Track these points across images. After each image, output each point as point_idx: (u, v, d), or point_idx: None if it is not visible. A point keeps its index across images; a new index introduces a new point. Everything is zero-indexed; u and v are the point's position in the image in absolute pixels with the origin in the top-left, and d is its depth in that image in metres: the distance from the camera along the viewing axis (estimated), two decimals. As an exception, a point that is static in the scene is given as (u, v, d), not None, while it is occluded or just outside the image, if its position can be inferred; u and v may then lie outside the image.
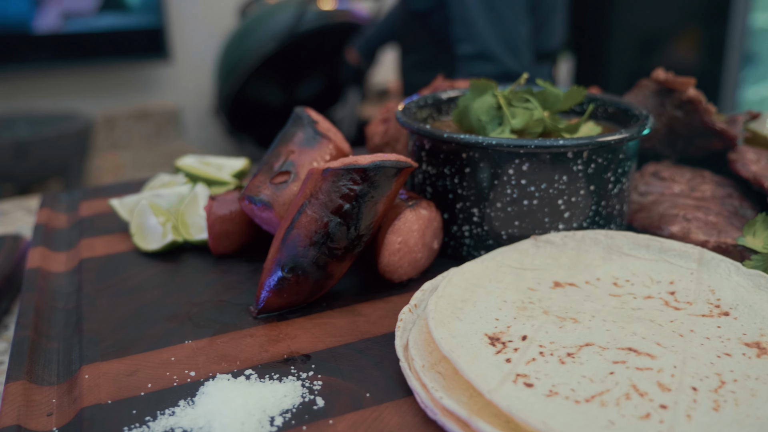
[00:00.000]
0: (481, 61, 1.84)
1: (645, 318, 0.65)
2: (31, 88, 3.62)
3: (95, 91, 3.84)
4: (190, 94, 4.12)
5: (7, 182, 3.13)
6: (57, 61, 3.55)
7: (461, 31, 1.85)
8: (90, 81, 3.81)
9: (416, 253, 0.75)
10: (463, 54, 1.86)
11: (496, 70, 1.83)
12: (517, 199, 0.76)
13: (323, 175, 0.70)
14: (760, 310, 0.65)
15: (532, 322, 0.65)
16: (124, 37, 3.70)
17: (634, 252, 0.76)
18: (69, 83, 3.73)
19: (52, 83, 3.68)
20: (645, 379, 0.56)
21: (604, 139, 0.74)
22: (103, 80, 3.85)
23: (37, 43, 3.46)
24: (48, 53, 3.50)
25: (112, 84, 3.89)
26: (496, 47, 1.82)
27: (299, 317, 0.71)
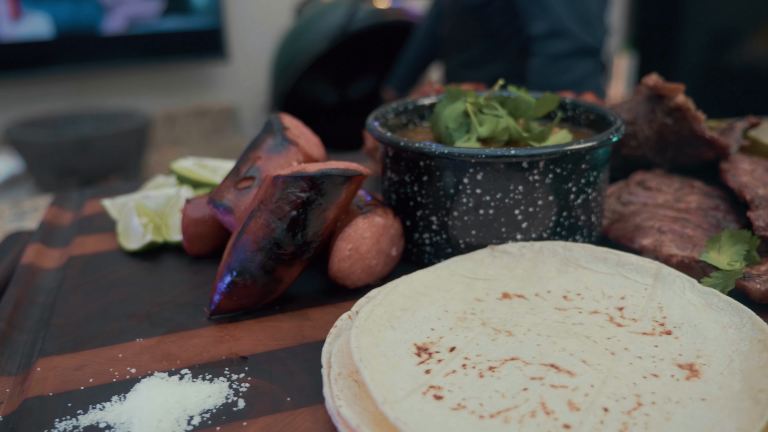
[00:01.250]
0: (556, 39, 1.81)
1: (582, 334, 0.64)
2: (97, 87, 3.80)
3: (157, 90, 3.99)
4: (247, 93, 4.23)
5: (71, 176, 3.30)
6: (121, 61, 3.72)
7: (533, 10, 1.83)
8: (152, 80, 3.97)
9: (370, 260, 0.76)
10: (537, 33, 1.84)
11: (573, 46, 1.81)
12: (473, 208, 0.76)
13: (273, 183, 0.72)
14: (704, 331, 0.63)
15: (466, 333, 0.65)
16: (184, 37, 3.84)
17: (591, 265, 0.75)
18: (133, 82, 3.90)
19: (117, 82, 3.85)
20: (557, 397, 0.55)
21: (558, 149, 0.72)
22: (165, 79, 4.01)
23: (103, 44, 3.63)
24: (113, 54, 3.67)
25: (173, 83, 4.04)
26: (570, 22, 1.80)
27: (250, 319, 0.74)
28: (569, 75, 1.87)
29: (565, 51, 1.83)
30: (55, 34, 3.48)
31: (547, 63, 1.86)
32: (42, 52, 3.45)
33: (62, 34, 3.49)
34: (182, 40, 3.86)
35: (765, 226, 0.78)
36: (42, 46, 3.44)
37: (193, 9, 3.85)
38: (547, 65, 1.87)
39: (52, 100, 3.69)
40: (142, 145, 3.45)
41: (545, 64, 1.87)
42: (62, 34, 3.49)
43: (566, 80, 1.86)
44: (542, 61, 1.87)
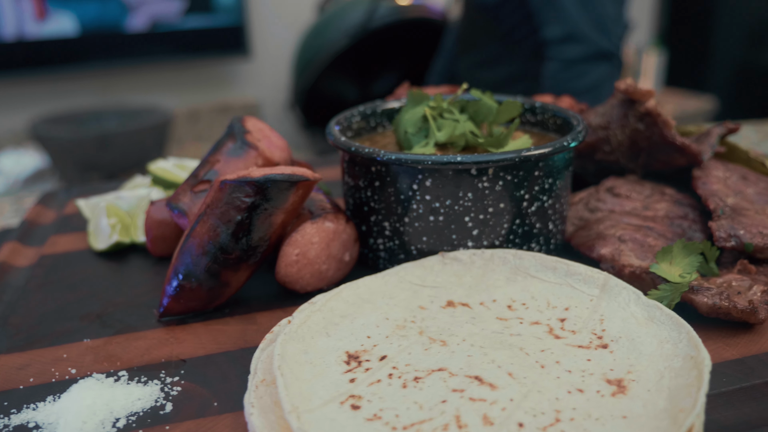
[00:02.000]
0: (571, 43, 1.80)
1: (516, 345, 0.63)
2: (121, 84, 3.87)
3: (181, 87, 4.05)
4: (269, 89, 4.26)
5: (93, 171, 3.37)
6: (146, 58, 3.78)
7: (548, 14, 1.81)
8: (176, 77, 4.02)
9: (319, 265, 0.76)
10: (552, 37, 1.82)
11: (588, 51, 1.79)
12: (423, 214, 0.76)
13: (220, 187, 0.72)
14: (641, 345, 0.62)
15: (401, 342, 0.65)
16: (207, 35, 3.88)
17: (540, 274, 0.73)
18: (157, 79, 3.96)
19: (141, 79, 3.92)
20: (473, 410, 0.54)
21: (506, 156, 0.71)
22: (188, 76, 4.06)
23: (128, 42, 3.70)
24: (138, 52, 3.73)
25: (196, 79, 4.09)
26: (585, 27, 1.78)
27: (198, 322, 0.74)
28: (584, 80, 1.84)
29: (580, 56, 1.81)
30: (80, 33, 3.55)
31: (561, 68, 1.84)
32: (67, 50, 3.53)
33: (87, 32, 3.56)
34: (205, 38, 3.91)
35: (726, 237, 0.76)
36: (67, 44, 3.51)
37: (216, 7, 3.89)
38: (561, 70, 1.84)
39: (77, 96, 3.77)
40: (162, 141, 3.50)
41: (560, 69, 1.84)
42: (87, 32, 3.56)
43: (581, 85, 1.83)
44: (557, 66, 1.84)
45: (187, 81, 4.07)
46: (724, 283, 0.71)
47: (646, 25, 4.44)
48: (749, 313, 0.66)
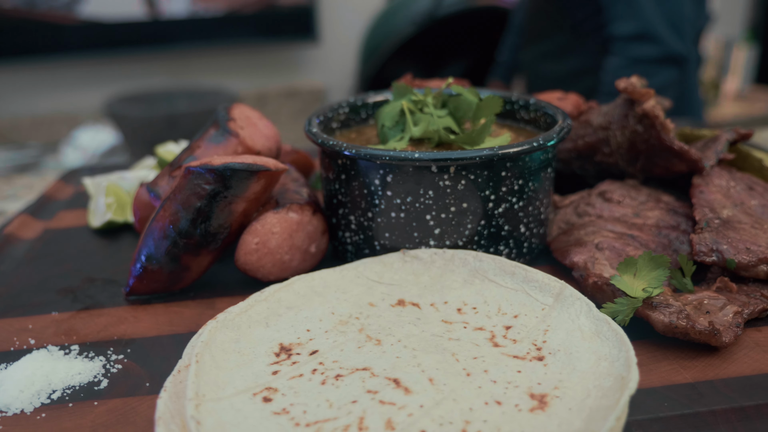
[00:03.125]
0: (641, 43, 1.72)
1: (449, 350, 0.62)
2: (193, 67, 4.00)
3: (250, 70, 4.14)
4: (336, 75, 4.30)
5: (162, 149, 3.51)
6: (217, 41, 3.89)
7: (621, 9, 1.74)
8: (246, 61, 4.12)
9: (281, 255, 0.77)
10: (621, 34, 1.75)
11: (658, 52, 1.72)
12: (385, 210, 0.74)
13: (183, 174, 0.73)
14: (577, 360, 0.59)
15: (337, 338, 0.64)
16: (277, 20, 3.96)
17: (497, 278, 0.71)
18: (227, 62, 4.07)
19: (212, 62, 4.03)
20: (379, 413, 0.53)
21: (464, 155, 0.69)
22: (258, 60, 4.15)
23: (200, 26, 3.82)
24: (209, 35, 3.85)
25: (265, 63, 4.17)
26: (659, 26, 1.70)
27: (161, 303, 0.76)
28: (649, 81, 1.76)
29: (649, 56, 1.73)
30: (160, 16, 3.69)
31: (626, 65, 1.76)
32: (142, 32, 3.68)
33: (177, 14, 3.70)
34: (275, 23, 3.98)
35: (707, 252, 0.71)
36: (142, 27, 3.66)
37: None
38: (625, 67, 1.76)
39: (151, 77, 3.92)
40: (227, 123, 3.60)
41: (624, 66, 1.76)
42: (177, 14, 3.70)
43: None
44: (621, 63, 1.76)
45: (257, 65, 4.15)
46: (695, 300, 0.67)
47: (737, 17, 4.18)
48: (708, 335, 0.62)
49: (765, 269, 0.70)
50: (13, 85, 3.74)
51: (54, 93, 3.79)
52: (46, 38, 3.52)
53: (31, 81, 3.74)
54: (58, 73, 3.73)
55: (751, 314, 0.67)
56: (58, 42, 3.56)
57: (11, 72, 3.63)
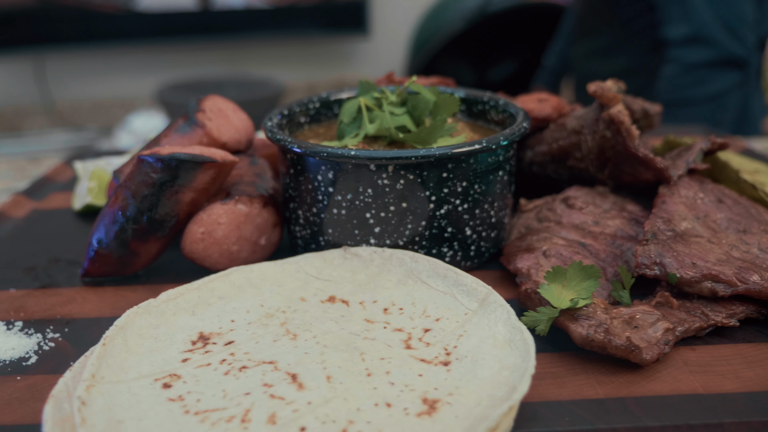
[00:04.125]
0: (695, 46, 1.65)
1: (360, 350, 0.61)
2: (244, 57, 4.08)
3: (300, 62, 4.19)
4: (386, 68, 4.29)
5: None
6: (268, 32, 3.96)
7: (673, 10, 1.67)
8: (296, 52, 4.17)
9: (229, 246, 0.78)
10: (675, 37, 1.68)
11: (713, 55, 1.64)
12: (327, 206, 0.75)
13: (135, 162, 0.76)
14: (481, 368, 0.58)
15: (257, 330, 0.65)
16: (328, 13, 3.99)
17: (430, 280, 0.70)
18: (278, 53, 4.13)
19: (263, 53, 4.10)
20: (266, 407, 0.54)
21: (399, 155, 0.69)
22: (308, 52, 4.19)
23: (252, 17, 3.89)
24: (261, 26, 3.92)
25: (315, 55, 4.22)
26: (714, 28, 1.62)
27: (112, 286, 0.79)
28: (706, 88, 1.68)
29: (704, 60, 1.65)
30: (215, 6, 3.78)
31: (680, 72, 1.68)
32: (195, 22, 3.78)
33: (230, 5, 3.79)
34: (326, 16, 4.02)
35: (649, 265, 0.68)
36: (195, 17, 3.76)
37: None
38: (680, 75, 1.69)
39: (204, 66, 4.02)
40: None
41: (678, 74, 1.69)
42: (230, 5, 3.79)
43: (701, 93, 1.67)
44: (675, 70, 1.69)
45: (307, 57, 4.20)
46: (627, 314, 0.64)
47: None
48: (626, 351, 0.60)
49: (709, 286, 0.67)
50: (76, 70, 3.90)
51: (112, 79, 3.93)
52: (105, 27, 3.65)
53: (91, 67, 3.88)
54: (116, 60, 3.87)
55: (685, 332, 0.65)
56: (116, 31, 3.69)
57: (74, 58, 3.78)
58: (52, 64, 3.76)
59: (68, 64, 3.81)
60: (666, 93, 1.68)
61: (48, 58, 3.71)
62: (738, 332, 0.67)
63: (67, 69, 3.83)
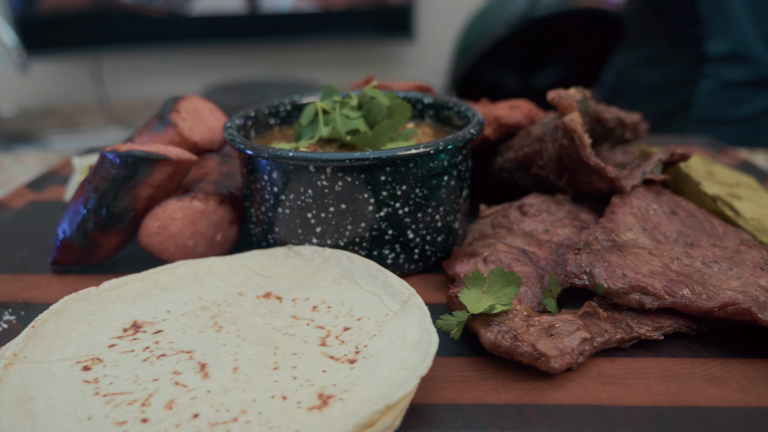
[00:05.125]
0: (733, 64, 1.59)
1: (275, 344, 0.64)
2: (291, 60, 4.16)
3: (345, 65, 4.25)
4: (431, 73, 4.31)
5: (251, 137, 3.70)
6: (314, 36, 4.02)
7: (715, 25, 1.62)
8: (341, 56, 4.23)
9: (185, 241, 0.81)
10: (715, 53, 1.62)
11: (752, 74, 1.57)
12: (273, 205, 0.77)
13: (99, 157, 0.80)
14: (382, 368, 0.59)
15: (188, 321, 0.68)
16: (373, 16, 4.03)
17: (362, 281, 0.72)
18: (323, 57, 4.20)
19: (309, 56, 4.18)
20: (167, 393, 0.57)
21: (337, 157, 0.70)
22: (354, 55, 4.24)
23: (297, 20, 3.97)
24: (307, 29, 3.99)
25: (360, 59, 4.26)
26: (755, 45, 1.55)
27: (77, 274, 0.84)
28: (743, 108, 1.61)
29: (741, 79, 1.58)
30: (265, 10, 3.88)
31: (717, 89, 1.62)
32: (243, 25, 3.88)
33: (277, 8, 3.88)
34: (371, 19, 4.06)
35: (578, 274, 0.68)
36: (243, 20, 3.86)
37: (388, -10, 4.01)
38: (716, 92, 1.63)
39: (250, 68, 4.13)
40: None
41: (715, 91, 1.63)
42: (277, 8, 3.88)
43: (738, 113, 1.61)
44: (712, 87, 1.63)
45: (352, 60, 4.25)
46: (548, 322, 0.64)
47: None
48: (531, 358, 0.60)
49: (637, 298, 0.66)
50: (130, 70, 4.05)
51: (163, 79, 4.06)
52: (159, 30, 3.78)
53: (144, 67, 4.03)
54: (167, 61, 4.00)
55: (606, 343, 0.64)
56: (168, 33, 3.81)
57: (129, 59, 3.94)
58: (108, 64, 3.94)
59: (123, 65, 3.96)
60: (701, 110, 1.62)
61: (105, 59, 3.88)
62: (664, 346, 0.66)
63: (122, 69, 3.99)
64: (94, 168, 0.80)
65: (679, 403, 0.58)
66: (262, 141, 0.88)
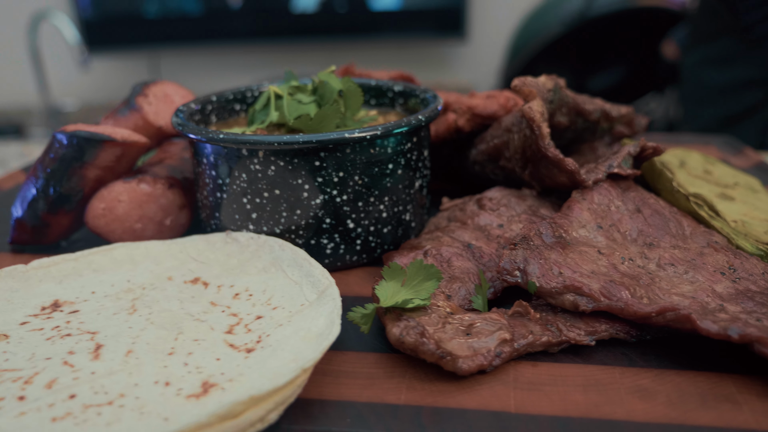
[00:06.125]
0: None
1: (180, 329, 0.61)
2: (346, 58, 4.17)
3: (398, 64, 4.22)
4: (483, 73, 4.24)
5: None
6: (368, 35, 4.02)
7: None
8: (394, 54, 4.21)
9: (131, 223, 0.80)
10: None
11: None
12: (212, 190, 0.75)
13: (51, 137, 0.80)
14: (274, 358, 0.56)
15: (108, 303, 0.67)
16: (426, 16, 4.00)
17: (288, 269, 0.69)
18: (375, 55, 4.19)
19: (364, 53, 4.18)
20: (52, 372, 0.55)
21: (265, 140, 0.68)
22: (407, 54, 4.22)
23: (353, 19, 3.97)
24: (361, 28, 3.99)
25: (412, 58, 4.23)
26: None
27: (33, 254, 0.84)
28: None
29: None
30: (328, 8, 3.90)
31: None
32: (299, 23, 3.90)
33: (325, 8, 3.90)
34: (425, 19, 4.02)
35: (510, 271, 0.63)
36: (300, 19, 3.88)
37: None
38: None
39: (304, 65, 4.16)
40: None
41: None
42: (325, 8, 3.90)
43: None
44: None
45: (406, 59, 4.22)
46: (470, 321, 0.60)
47: None
48: (435, 357, 0.55)
49: (571, 299, 0.60)
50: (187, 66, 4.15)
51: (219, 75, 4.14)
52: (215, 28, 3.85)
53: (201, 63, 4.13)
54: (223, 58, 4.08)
55: (530, 346, 0.59)
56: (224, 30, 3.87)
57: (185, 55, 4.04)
58: (166, 61, 4.05)
59: (180, 61, 4.07)
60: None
61: (162, 56, 4.00)
62: (598, 353, 0.60)
63: (179, 65, 4.09)
64: (45, 148, 0.80)
65: (592, 415, 0.52)
66: (224, 126, 0.87)
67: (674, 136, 1.25)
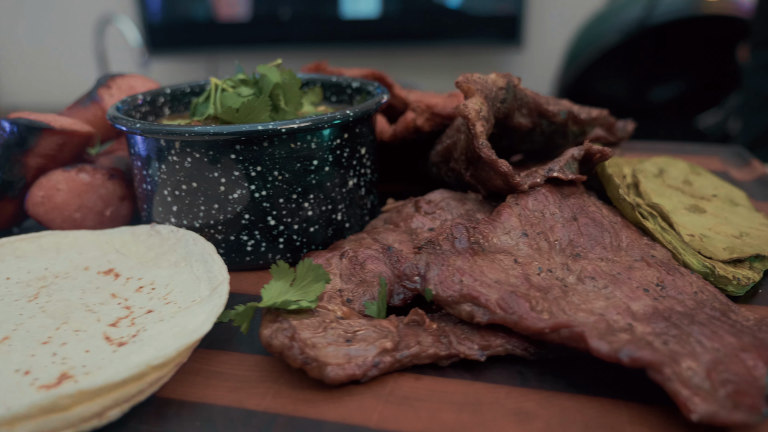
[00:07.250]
0: None
1: (66, 319, 0.60)
2: (400, 64, 4.15)
3: (451, 70, 4.18)
4: (539, 81, 4.12)
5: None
6: (422, 41, 3.99)
7: None
8: (448, 61, 4.17)
9: (71, 213, 0.80)
10: None
11: None
12: (139, 181, 0.74)
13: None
14: (138, 354, 0.54)
15: (14, 289, 0.67)
16: (482, 23, 3.93)
17: (195, 264, 0.67)
18: (429, 61, 4.16)
19: (416, 60, 4.15)
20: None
21: (174, 130, 0.66)
22: (461, 61, 4.16)
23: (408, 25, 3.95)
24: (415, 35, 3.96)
25: (467, 65, 4.17)
26: None
27: (-15, 240, 0.85)
28: None
29: None
30: (380, 14, 3.90)
31: None
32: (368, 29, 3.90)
33: (386, 13, 3.90)
34: (480, 26, 3.96)
35: (410, 276, 0.58)
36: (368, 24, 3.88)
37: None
38: None
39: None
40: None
41: None
42: (386, 13, 3.90)
43: None
44: None
45: (461, 66, 4.16)
46: (356, 328, 0.56)
47: None
48: (300, 363, 0.52)
49: (467, 309, 0.55)
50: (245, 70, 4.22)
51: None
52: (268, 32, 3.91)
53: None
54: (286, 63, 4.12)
55: (416, 357, 0.54)
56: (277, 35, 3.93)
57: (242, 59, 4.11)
58: (223, 64, 4.14)
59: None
60: None
61: (220, 59, 4.09)
62: (492, 370, 0.55)
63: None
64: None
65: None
66: (174, 118, 0.86)
67: (680, 145, 1.16)
